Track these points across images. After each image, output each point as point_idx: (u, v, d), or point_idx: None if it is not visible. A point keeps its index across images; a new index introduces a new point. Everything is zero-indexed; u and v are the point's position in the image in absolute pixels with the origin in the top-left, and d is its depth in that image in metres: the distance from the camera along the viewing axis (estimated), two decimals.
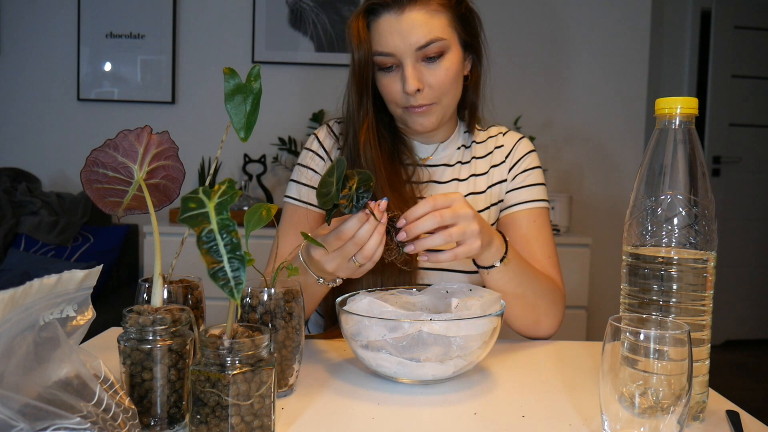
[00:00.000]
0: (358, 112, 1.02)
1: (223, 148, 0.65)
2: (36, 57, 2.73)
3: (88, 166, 0.64)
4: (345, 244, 0.76)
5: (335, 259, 0.78)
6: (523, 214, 1.07)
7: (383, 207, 0.76)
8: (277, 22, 2.77)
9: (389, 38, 0.96)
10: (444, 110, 1.02)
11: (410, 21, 0.95)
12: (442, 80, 0.97)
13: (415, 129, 1.03)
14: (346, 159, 1.01)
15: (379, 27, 0.97)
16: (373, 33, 0.98)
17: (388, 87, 1.00)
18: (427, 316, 0.73)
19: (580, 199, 2.95)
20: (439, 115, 1.02)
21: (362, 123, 1.02)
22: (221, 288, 0.48)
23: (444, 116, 1.03)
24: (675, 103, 0.65)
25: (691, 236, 0.64)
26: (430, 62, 0.97)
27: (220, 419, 0.52)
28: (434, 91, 0.98)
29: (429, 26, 0.95)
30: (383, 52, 0.97)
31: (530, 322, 0.98)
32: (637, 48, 2.95)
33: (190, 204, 0.50)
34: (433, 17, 0.96)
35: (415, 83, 0.96)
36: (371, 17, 0.98)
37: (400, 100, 1.00)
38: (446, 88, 0.99)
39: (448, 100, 1.01)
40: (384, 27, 0.96)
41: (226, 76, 0.57)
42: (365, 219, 0.75)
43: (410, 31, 0.95)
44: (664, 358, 0.56)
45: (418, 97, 0.98)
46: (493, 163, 1.11)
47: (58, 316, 0.47)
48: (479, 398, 0.72)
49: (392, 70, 0.99)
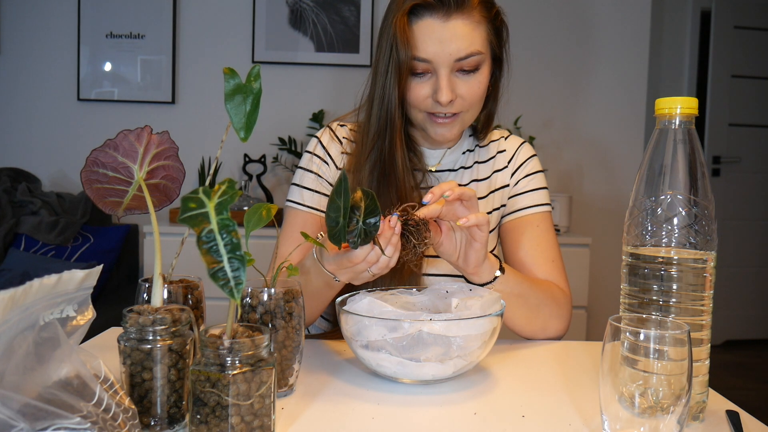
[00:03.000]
0: (397, 115, 0.97)
1: (223, 148, 0.65)
2: (36, 57, 2.73)
3: (88, 166, 0.64)
4: (356, 265, 0.76)
5: (348, 273, 0.78)
6: (526, 219, 1.07)
7: (394, 223, 0.75)
8: (277, 22, 2.77)
9: (429, 44, 0.92)
10: (467, 122, 1.01)
11: (453, 29, 0.92)
12: (474, 93, 0.96)
13: (434, 138, 1.01)
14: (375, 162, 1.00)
15: (420, 30, 0.93)
16: (413, 35, 0.93)
17: (416, 92, 0.96)
18: (427, 316, 0.73)
19: (580, 199, 2.95)
20: (461, 126, 1.01)
21: (398, 126, 0.98)
22: (221, 288, 0.48)
23: (464, 127, 1.03)
24: (675, 103, 0.65)
25: (691, 236, 0.64)
26: (464, 74, 0.95)
27: (220, 419, 0.52)
28: (464, 103, 0.97)
29: (471, 38, 0.93)
30: (420, 58, 0.93)
31: (537, 329, 0.98)
32: (637, 48, 2.95)
33: (190, 204, 0.50)
34: (475, 30, 0.93)
35: (449, 94, 0.93)
36: (413, 18, 0.94)
37: (426, 106, 0.97)
38: (476, 101, 0.98)
39: (473, 113, 1.01)
40: (425, 31, 0.92)
41: (226, 76, 0.57)
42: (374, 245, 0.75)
43: (452, 40, 0.92)
44: (664, 358, 0.56)
45: (447, 107, 0.96)
46: (495, 167, 1.10)
47: (58, 316, 0.47)
48: (479, 398, 0.72)
49: (423, 76, 0.95)
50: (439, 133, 1.00)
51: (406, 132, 1.06)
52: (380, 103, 0.98)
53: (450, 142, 1.08)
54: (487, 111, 1.07)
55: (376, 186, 0.99)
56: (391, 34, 0.94)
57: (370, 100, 1.01)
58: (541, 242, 1.05)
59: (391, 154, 0.99)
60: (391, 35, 0.94)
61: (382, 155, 0.99)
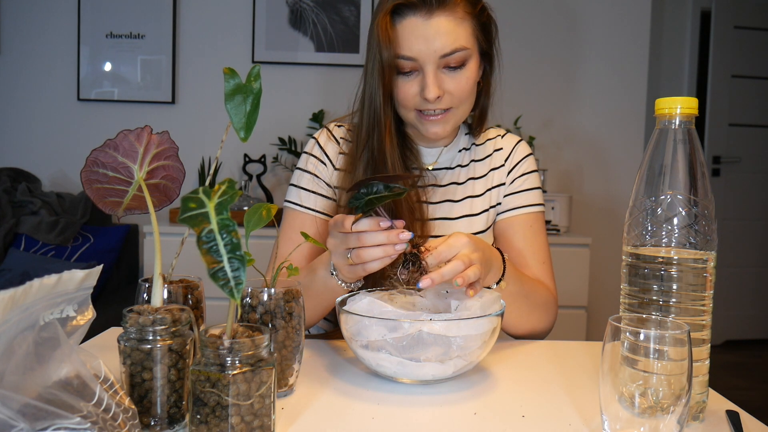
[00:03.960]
0: (384, 115, 0.99)
1: (223, 148, 0.65)
2: (36, 57, 2.73)
3: (88, 166, 0.64)
4: (348, 235, 0.76)
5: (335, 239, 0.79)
6: (520, 219, 1.08)
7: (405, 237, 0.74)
8: (277, 22, 2.77)
9: (414, 42, 0.93)
10: (458, 118, 1.01)
11: (437, 27, 0.93)
12: (462, 89, 0.97)
13: (427, 136, 1.02)
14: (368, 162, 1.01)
15: (404, 29, 0.94)
16: (397, 34, 0.95)
17: (404, 90, 0.97)
18: (427, 316, 0.73)
19: (579, 199, 2.95)
20: (453, 123, 1.01)
21: (386, 126, 1.00)
22: (221, 288, 0.48)
23: (457, 124, 1.03)
24: (675, 103, 0.65)
25: (691, 236, 0.64)
26: (451, 70, 0.96)
27: (220, 419, 0.52)
28: (453, 99, 0.97)
29: (455, 34, 0.93)
30: (406, 56, 0.94)
31: (524, 331, 1.00)
32: (637, 48, 2.95)
33: (190, 204, 0.50)
34: (459, 25, 0.94)
35: (436, 90, 0.94)
36: (396, 17, 0.95)
37: (415, 104, 0.98)
38: (465, 96, 0.98)
39: (464, 109, 1.01)
40: (409, 30, 0.94)
41: (226, 76, 0.57)
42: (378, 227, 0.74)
43: (436, 37, 0.92)
44: (664, 358, 0.56)
45: (436, 104, 0.97)
46: (492, 166, 1.11)
47: (58, 316, 0.47)
48: (479, 398, 0.72)
49: (410, 74, 0.97)
50: (431, 131, 1.00)
51: (403, 131, 1.07)
52: (369, 104, 1.00)
53: (444, 139, 1.09)
54: (480, 107, 1.08)
55: None
56: (374, 35, 0.96)
57: (362, 101, 1.02)
58: (533, 243, 1.07)
59: (381, 153, 1.00)
60: (375, 36, 0.96)
61: (374, 155, 1.00)
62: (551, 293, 1.04)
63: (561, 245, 2.43)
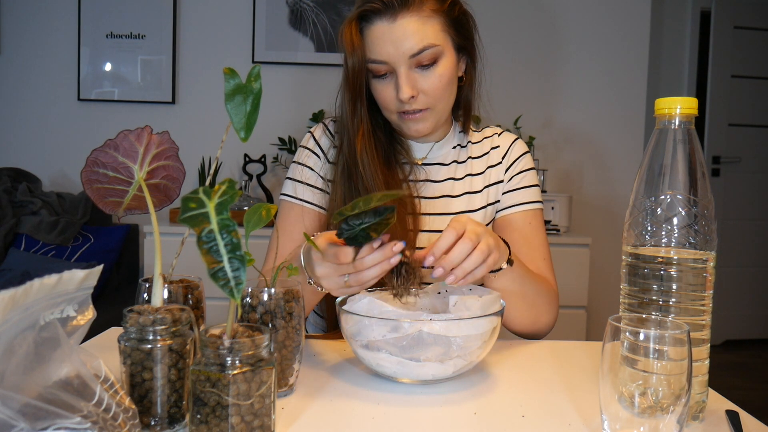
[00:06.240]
0: (352, 121, 1.02)
1: (223, 148, 0.65)
2: (36, 57, 2.73)
3: (89, 166, 0.64)
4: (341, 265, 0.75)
5: (328, 268, 0.77)
6: (518, 216, 1.08)
7: (398, 249, 0.73)
8: (277, 22, 2.77)
9: (382, 46, 0.95)
10: (438, 115, 1.02)
11: (403, 28, 0.94)
12: (436, 86, 0.97)
13: (410, 135, 1.04)
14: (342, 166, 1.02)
15: (371, 34, 0.96)
16: (366, 40, 0.97)
17: (382, 93, 0.99)
18: (427, 316, 0.73)
19: (579, 199, 2.95)
20: (434, 120, 1.02)
21: (357, 130, 1.02)
22: (221, 288, 0.48)
23: (438, 121, 1.04)
24: (674, 103, 0.65)
25: (691, 236, 0.64)
26: (423, 69, 0.97)
27: (220, 419, 0.52)
28: (428, 97, 0.98)
29: (422, 33, 0.94)
30: (376, 60, 0.96)
31: (530, 322, 0.99)
32: (637, 48, 2.95)
33: (190, 204, 0.50)
34: (426, 24, 0.95)
35: (408, 91, 0.95)
36: (364, 24, 0.97)
37: (394, 107, 1.00)
38: (440, 94, 0.99)
39: (443, 105, 1.02)
40: (377, 35, 0.95)
41: (226, 76, 0.57)
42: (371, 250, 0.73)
43: (403, 38, 0.94)
44: (664, 357, 0.56)
45: (412, 104, 0.98)
46: (489, 163, 1.12)
47: (58, 315, 0.47)
48: (479, 398, 0.72)
49: (386, 77, 0.98)
50: (413, 129, 1.02)
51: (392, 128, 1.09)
52: (340, 111, 1.04)
53: (428, 135, 1.09)
54: (464, 99, 1.09)
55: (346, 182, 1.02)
56: (341, 44, 0.98)
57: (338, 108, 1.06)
58: (533, 240, 1.07)
59: (352, 157, 1.02)
60: (341, 44, 0.98)
61: (346, 159, 1.03)
62: (553, 287, 1.04)
63: (561, 245, 2.43)
